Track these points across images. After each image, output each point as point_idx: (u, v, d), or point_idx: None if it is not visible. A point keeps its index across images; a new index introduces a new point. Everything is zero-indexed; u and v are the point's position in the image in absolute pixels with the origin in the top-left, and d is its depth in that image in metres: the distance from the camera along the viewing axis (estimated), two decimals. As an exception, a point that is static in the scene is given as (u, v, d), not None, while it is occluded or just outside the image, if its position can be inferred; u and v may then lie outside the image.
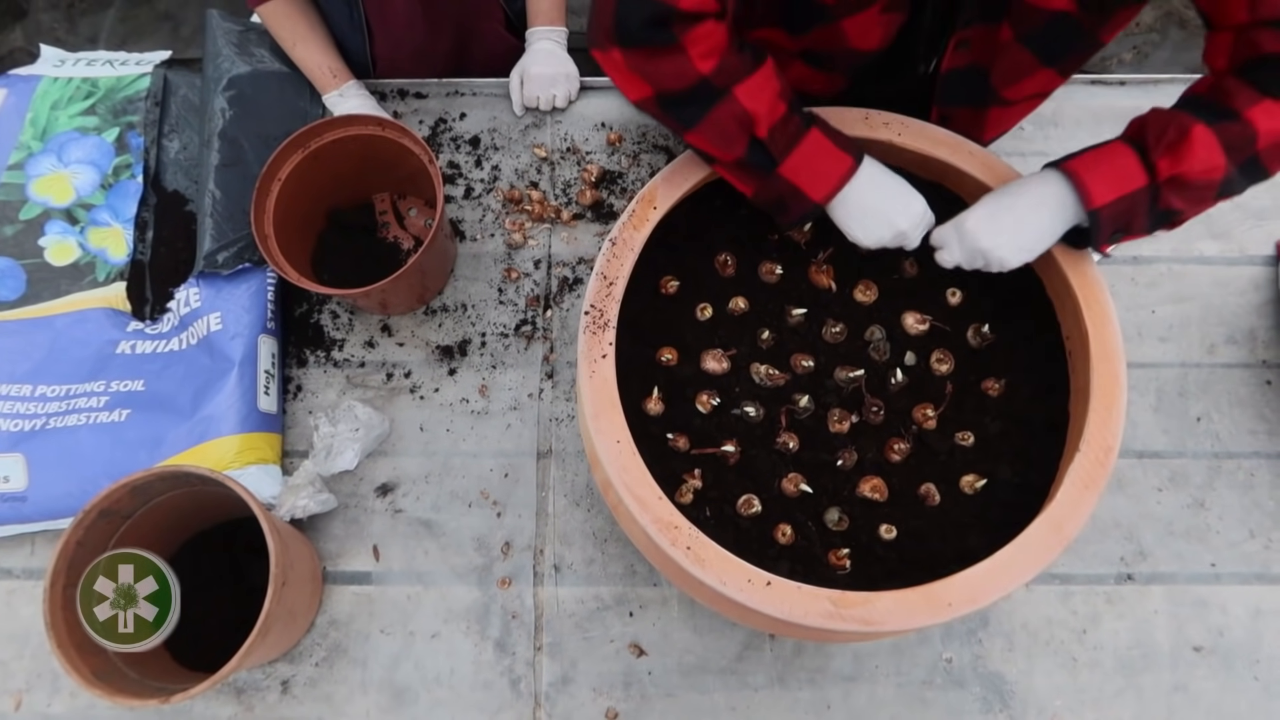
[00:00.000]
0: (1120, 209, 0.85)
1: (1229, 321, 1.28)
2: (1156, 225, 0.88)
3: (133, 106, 1.36)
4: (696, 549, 0.83)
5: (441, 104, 1.42)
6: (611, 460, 0.86)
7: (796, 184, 0.92)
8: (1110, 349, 0.90)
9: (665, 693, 1.11)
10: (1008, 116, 1.11)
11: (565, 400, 1.25)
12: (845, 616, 0.81)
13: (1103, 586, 1.16)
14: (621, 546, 1.17)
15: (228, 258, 1.22)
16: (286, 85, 1.36)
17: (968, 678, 1.12)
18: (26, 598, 1.15)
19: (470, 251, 1.33)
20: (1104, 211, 0.85)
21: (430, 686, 1.12)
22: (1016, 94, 1.03)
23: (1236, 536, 1.17)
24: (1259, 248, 1.32)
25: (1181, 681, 1.11)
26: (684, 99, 0.90)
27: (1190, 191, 0.85)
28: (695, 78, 0.87)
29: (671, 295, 1.03)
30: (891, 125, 1.00)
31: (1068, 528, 0.84)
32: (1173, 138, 0.83)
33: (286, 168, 1.19)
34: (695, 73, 0.87)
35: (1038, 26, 0.91)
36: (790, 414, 0.98)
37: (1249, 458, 1.21)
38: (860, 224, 0.94)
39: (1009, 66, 0.98)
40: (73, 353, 1.20)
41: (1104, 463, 0.86)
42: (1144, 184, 0.85)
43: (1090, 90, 1.41)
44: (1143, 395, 1.24)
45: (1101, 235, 0.86)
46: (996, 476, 0.94)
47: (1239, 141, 0.82)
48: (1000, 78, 1.01)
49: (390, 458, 1.22)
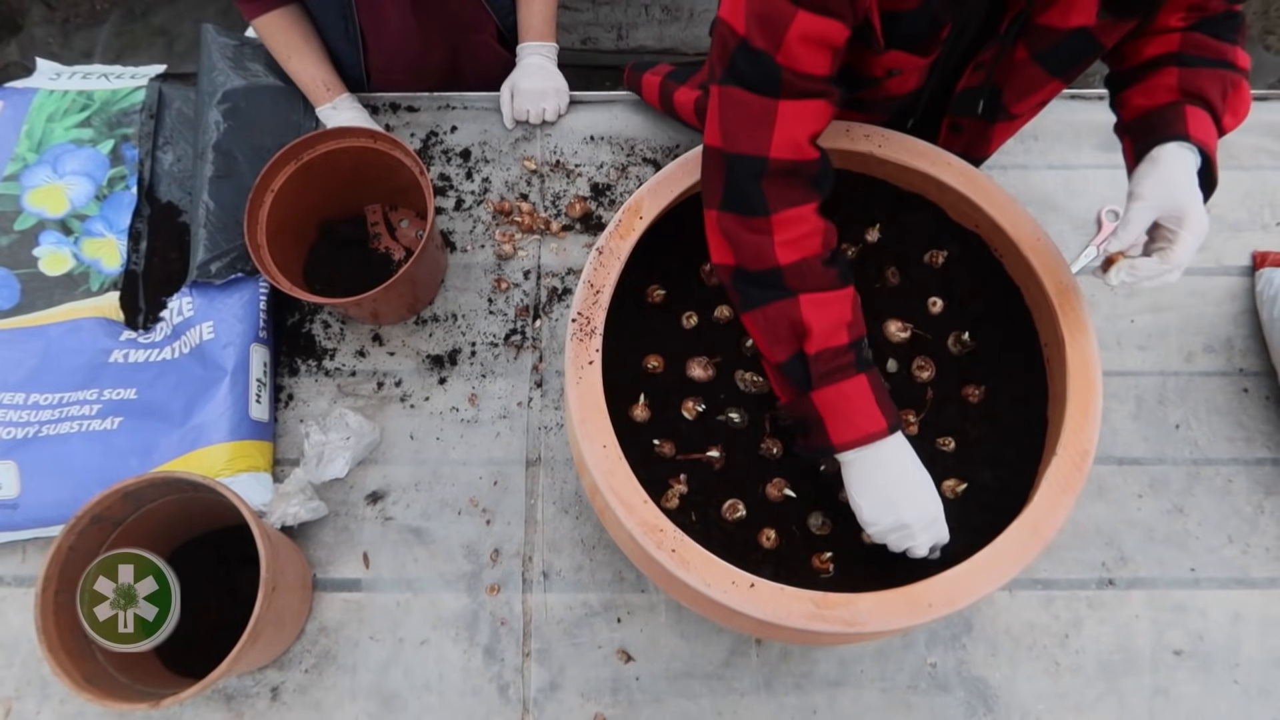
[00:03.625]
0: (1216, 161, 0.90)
1: (1206, 330, 1.30)
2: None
3: (128, 119, 1.38)
4: (681, 551, 0.85)
5: (433, 117, 1.45)
6: (598, 464, 0.88)
7: (823, 417, 0.87)
8: (1086, 355, 0.92)
9: (653, 698, 1.12)
10: (1010, 130, 1.13)
11: (554, 409, 1.26)
12: (827, 617, 0.82)
13: (1084, 592, 1.17)
14: (609, 553, 1.18)
15: (221, 267, 1.24)
16: (280, 99, 1.38)
17: (952, 682, 1.13)
18: (17, 605, 1.16)
19: (461, 262, 1.35)
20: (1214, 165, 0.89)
21: (419, 693, 1.13)
22: (1023, 108, 1.05)
23: (1215, 542, 1.19)
24: (1234, 259, 1.35)
25: (1162, 685, 1.13)
26: (754, 280, 0.89)
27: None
28: (771, 264, 0.87)
29: (657, 304, 1.04)
30: (872, 137, 1.02)
31: (1045, 530, 0.85)
32: (1232, 98, 0.90)
33: (280, 179, 1.21)
34: (773, 259, 0.87)
35: (1053, 44, 0.93)
36: (774, 420, 0.99)
37: (1227, 464, 1.23)
38: (867, 499, 0.88)
39: (1021, 83, 0.99)
40: (66, 361, 1.21)
41: (1080, 466, 0.88)
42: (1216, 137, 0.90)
43: (1070, 105, 1.44)
44: (1122, 403, 1.26)
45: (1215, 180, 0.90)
46: (977, 481, 0.96)
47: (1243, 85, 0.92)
48: (1011, 95, 1.02)
49: (381, 466, 1.23)
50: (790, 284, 0.87)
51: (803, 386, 0.88)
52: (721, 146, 0.88)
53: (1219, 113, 0.89)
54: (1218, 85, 0.89)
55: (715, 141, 0.89)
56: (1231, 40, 0.91)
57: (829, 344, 0.87)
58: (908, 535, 0.88)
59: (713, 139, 0.89)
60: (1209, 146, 0.87)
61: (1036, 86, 1.00)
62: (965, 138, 1.11)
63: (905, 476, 0.88)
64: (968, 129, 1.10)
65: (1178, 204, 0.84)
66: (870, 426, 0.87)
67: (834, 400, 0.87)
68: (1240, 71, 0.91)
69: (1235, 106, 0.91)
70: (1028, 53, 0.95)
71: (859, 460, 0.88)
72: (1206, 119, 0.88)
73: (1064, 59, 0.95)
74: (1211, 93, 0.89)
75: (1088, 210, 1.38)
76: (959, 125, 1.10)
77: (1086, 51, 0.94)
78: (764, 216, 0.87)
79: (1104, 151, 1.41)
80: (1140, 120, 0.91)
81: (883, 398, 0.88)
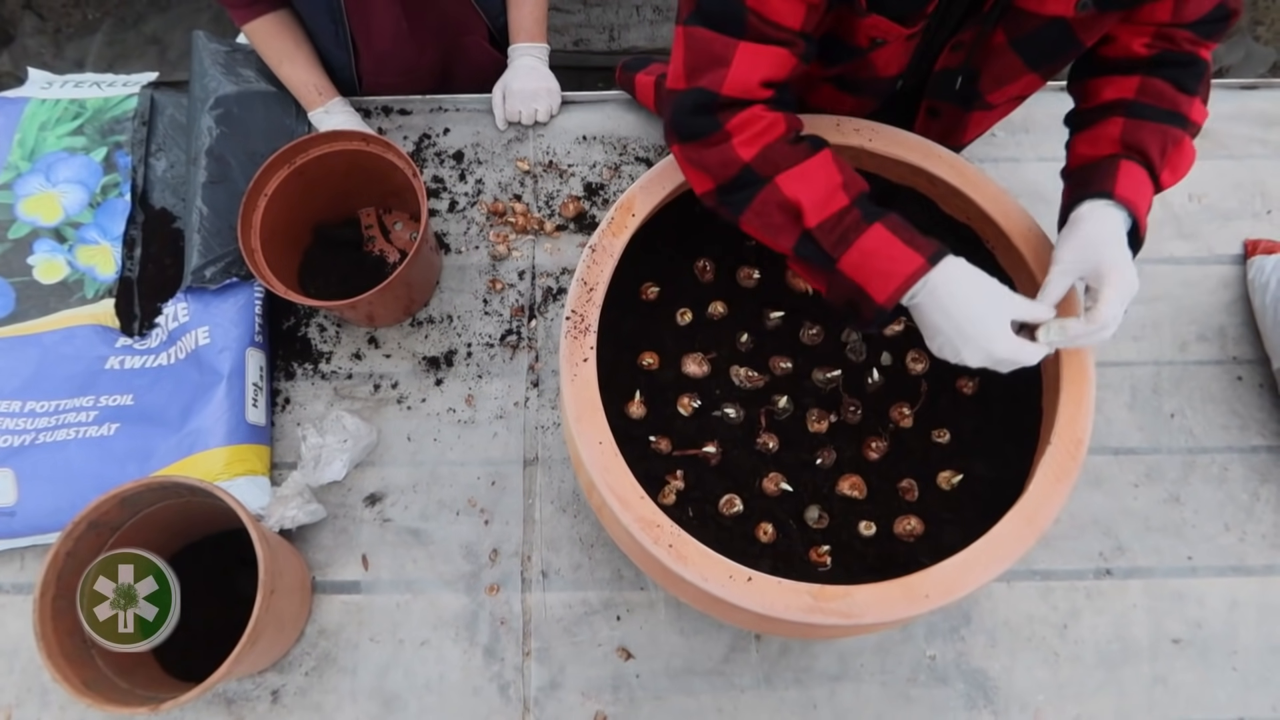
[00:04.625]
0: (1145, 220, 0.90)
1: (1199, 320, 1.31)
2: None
3: (120, 126, 1.38)
4: (678, 546, 0.85)
5: (425, 119, 1.45)
6: (594, 462, 0.88)
7: (859, 282, 0.85)
8: (1078, 344, 0.92)
9: (653, 695, 1.12)
10: (987, 120, 1.14)
11: (551, 408, 1.27)
12: (825, 609, 0.82)
13: (1082, 582, 1.17)
14: (608, 551, 1.19)
15: (215, 273, 1.24)
16: (272, 104, 1.38)
17: (951, 674, 1.13)
18: (15, 612, 1.16)
19: (455, 264, 1.35)
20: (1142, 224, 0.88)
21: (420, 694, 1.13)
22: (999, 98, 1.06)
23: (1212, 530, 1.20)
24: (1226, 247, 1.35)
25: (1161, 674, 1.13)
26: (732, 187, 0.88)
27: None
28: (739, 165, 0.86)
29: (652, 301, 1.05)
30: (862, 131, 1.02)
31: (1041, 519, 0.86)
32: (1172, 155, 0.90)
33: (273, 183, 1.21)
34: (738, 160, 0.86)
35: (1031, 31, 0.93)
36: (770, 415, 0.99)
37: (1222, 452, 1.23)
38: (937, 340, 0.85)
39: (998, 70, 1.00)
40: (62, 369, 1.22)
41: (1075, 455, 0.88)
42: (1151, 194, 0.90)
43: (1060, 97, 1.43)
44: (1117, 393, 1.27)
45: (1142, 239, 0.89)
46: (972, 472, 0.96)
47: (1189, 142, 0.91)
48: (988, 81, 1.03)
49: (378, 468, 1.23)
50: (763, 172, 0.86)
51: (825, 264, 0.86)
52: (677, 86, 0.88)
53: (1157, 169, 0.89)
54: (1158, 141, 0.89)
55: (676, 83, 0.88)
56: (1191, 90, 0.91)
57: (828, 211, 0.85)
58: (1000, 364, 0.84)
59: (675, 81, 0.89)
60: (1135, 206, 0.86)
61: (1013, 76, 1.01)
62: (942, 123, 1.12)
63: (975, 294, 0.83)
64: (945, 114, 1.10)
65: (1098, 265, 0.85)
66: (908, 267, 0.83)
67: (860, 260, 0.84)
68: (1190, 126, 0.91)
69: (1175, 163, 0.90)
70: (1006, 38, 0.95)
71: (920, 306, 0.85)
72: (1142, 175, 0.88)
73: (1041, 50, 0.96)
74: (1151, 148, 0.89)
75: (1079, 202, 1.38)
76: (936, 109, 1.10)
77: (1063, 46, 0.95)
78: (717, 130, 0.86)
79: (1095, 143, 1.42)
80: (1078, 171, 0.92)
81: (910, 236, 0.84)
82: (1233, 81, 1.46)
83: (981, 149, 1.40)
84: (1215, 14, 0.90)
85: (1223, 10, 0.90)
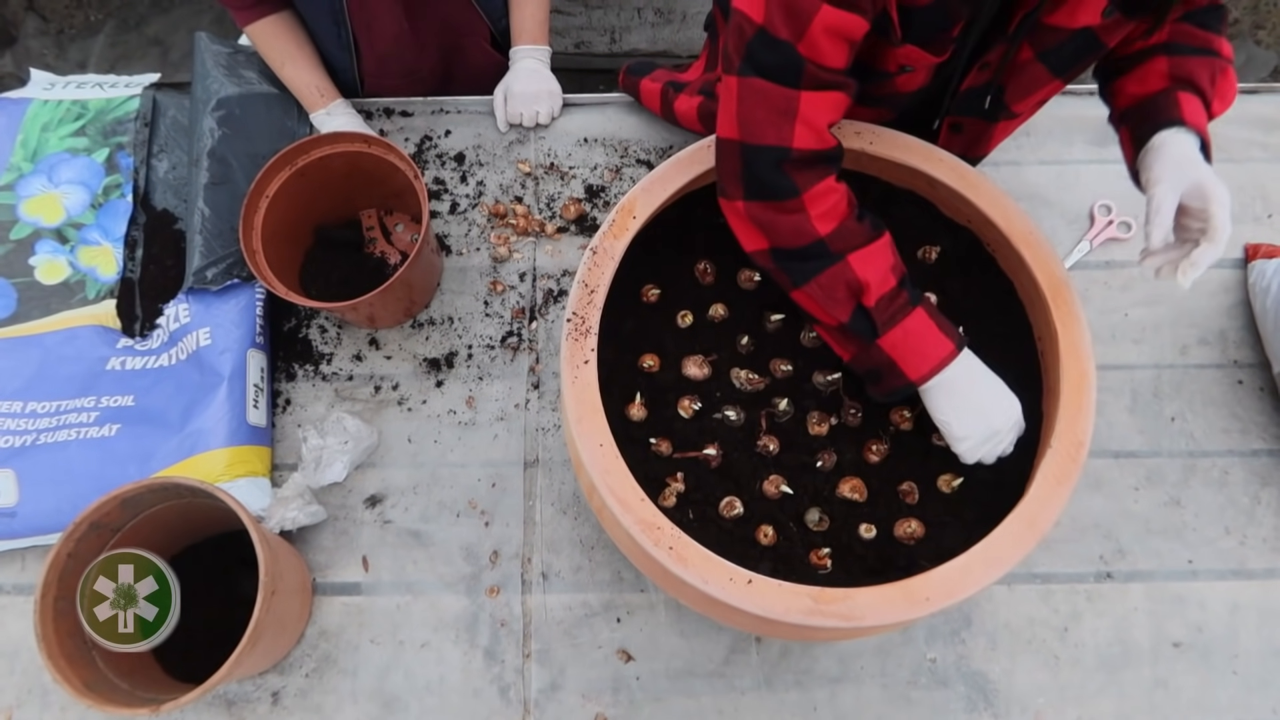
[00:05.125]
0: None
1: (1200, 323, 1.31)
2: None
3: (122, 128, 1.38)
4: (679, 549, 0.85)
5: (427, 121, 1.45)
6: (595, 463, 0.88)
7: (895, 359, 0.91)
8: (1078, 347, 0.92)
9: (653, 697, 1.12)
10: (1011, 128, 1.14)
11: (551, 410, 1.27)
12: (826, 612, 0.82)
13: (1083, 585, 1.17)
14: (608, 553, 1.19)
15: (217, 274, 1.24)
16: (274, 105, 1.38)
17: (952, 677, 1.13)
18: (16, 613, 1.16)
19: (456, 265, 1.35)
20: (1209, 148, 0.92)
21: (420, 695, 1.13)
22: (1024, 107, 1.06)
23: (1212, 533, 1.19)
24: (1227, 251, 1.34)
25: (1162, 677, 1.13)
26: (798, 256, 0.91)
27: None
28: (812, 238, 0.90)
29: (652, 303, 1.05)
30: (863, 135, 1.03)
31: (1041, 522, 0.86)
32: (1220, 83, 0.94)
33: (274, 185, 1.21)
34: (813, 232, 0.89)
35: (1058, 43, 0.94)
36: (770, 417, 1.00)
37: (1222, 456, 1.23)
38: (957, 416, 0.92)
39: (1024, 82, 1.00)
40: (63, 370, 1.22)
41: (1075, 458, 0.88)
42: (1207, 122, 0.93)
43: (1061, 100, 1.44)
44: (1118, 397, 1.27)
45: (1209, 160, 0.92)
46: (973, 475, 0.96)
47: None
48: (1014, 93, 1.03)
49: (379, 469, 1.24)
50: (836, 248, 0.90)
51: (868, 337, 0.92)
52: (740, 138, 0.89)
53: (1208, 98, 0.93)
54: (1206, 71, 0.93)
55: (732, 134, 0.89)
56: (1216, 30, 0.95)
57: (884, 290, 0.90)
58: (998, 440, 0.92)
59: (728, 131, 0.90)
60: (1203, 131, 0.90)
61: (1038, 85, 1.01)
62: (966, 137, 1.12)
63: (985, 387, 0.93)
64: (969, 129, 1.11)
65: (1198, 181, 0.87)
66: (941, 352, 0.90)
67: (901, 340, 0.90)
68: (1225, 59, 0.95)
69: (1224, 91, 0.95)
70: (1033, 52, 0.96)
71: (938, 386, 0.92)
72: (1198, 104, 0.92)
73: (1067, 59, 0.97)
74: (1201, 79, 0.92)
75: (1080, 205, 1.38)
76: (960, 125, 1.10)
77: (1089, 51, 0.95)
78: (795, 198, 0.89)
79: (1095, 146, 1.42)
80: (1135, 108, 0.94)
81: (942, 323, 0.92)
82: (1233, 85, 1.46)
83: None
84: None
85: None
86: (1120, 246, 1.35)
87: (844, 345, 0.96)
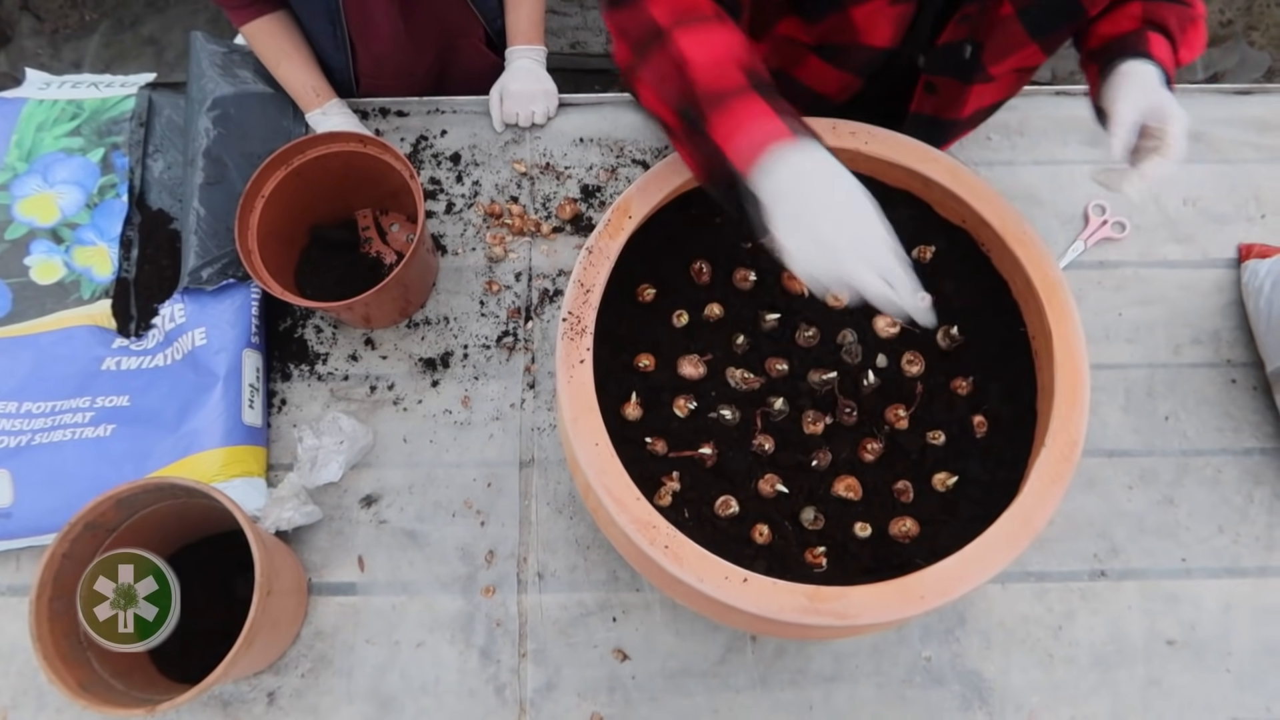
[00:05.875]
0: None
1: (1194, 323, 1.31)
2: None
3: (117, 127, 1.38)
4: (674, 548, 0.85)
5: (423, 121, 1.45)
6: (590, 463, 0.88)
7: (720, 145, 0.78)
8: (1072, 346, 0.93)
9: (649, 696, 1.12)
10: (987, 93, 1.14)
11: (547, 410, 1.27)
12: (820, 610, 0.83)
13: (1077, 583, 1.18)
14: (604, 553, 1.19)
15: (212, 274, 1.24)
16: (270, 105, 1.38)
17: (946, 676, 1.13)
18: (11, 614, 1.16)
19: (452, 265, 1.35)
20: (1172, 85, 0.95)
21: (416, 695, 1.13)
22: (1001, 69, 1.06)
23: (1206, 532, 1.20)
24: (1221, 251, 1.36)
25: (1155, 675, 1.14)
26: (639, 48, 0.86)
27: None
28: (650, 24, 0.84)
29: (648, 303, 1.05)
30: (858, 134, 1.03)
31: (1035, 520, 0.86)
32: (1190, 32, 0.99)
33: (270, 184, 1.21)
34: (650, 19, 0.84)
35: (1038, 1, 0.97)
36: (765, 416, 1.00)
37: (1216, 455, 1.24)
38: (786, 224, 0.75)
39: (1001, 40, 1.02)
40: (58, 370, 1.21)
41: (1070, 456, 0.89)
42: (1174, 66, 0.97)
43: (1055, 100, 1.45)
44: (1112, 396, 1.27)
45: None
46: (967, 474, 0.96)
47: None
48: (991, 53, 1.04)
49: (374, 469, 1.24)
50: (664, 25, 0.83)
51: (698, 127, 0.80)
52: None
53: (1177, 43, 0.97)
54: (1177, 18, 0.98)
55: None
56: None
57: (717, 73, 0.80)
58: (838, 263, 0.73)
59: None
60: (1169, 67, 0.94)
61: (1017, 46, 1.03)
62: (939, 98, 1.13)
63: (825, 190, 0.76)
64: (943, 89, 1.11)
65: (1159, 104, 0.90)
66: (770, 134, 0.76)
67: (728, 124, 0.78)
68: (1196, 14, 1.00)
69: (1192, 40, 1.00)
70: (1013, 8, 0.98)
71: (770, 185, 0.76)
72: (1166, 46, 0.96)
73: (1045, 20, 1.00)
74: (1171, 23, 0.97)
75: (1073, 205, 1.39)
76: (934, 85, 1.11)
77: (1068, 15, 0.99)
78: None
79: (1089, 147, 1.42)
80: (1105, 47, 0.98)
81: (784, 109, 0.78)
82: (1227, 87, 1.47)
83: (977, 153, 1.41)
84: None
85: None
86: (1114, 246, 1.35)
87: (689, 152, 0.85)
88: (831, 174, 0.77)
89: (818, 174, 0.76)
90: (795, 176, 0.75)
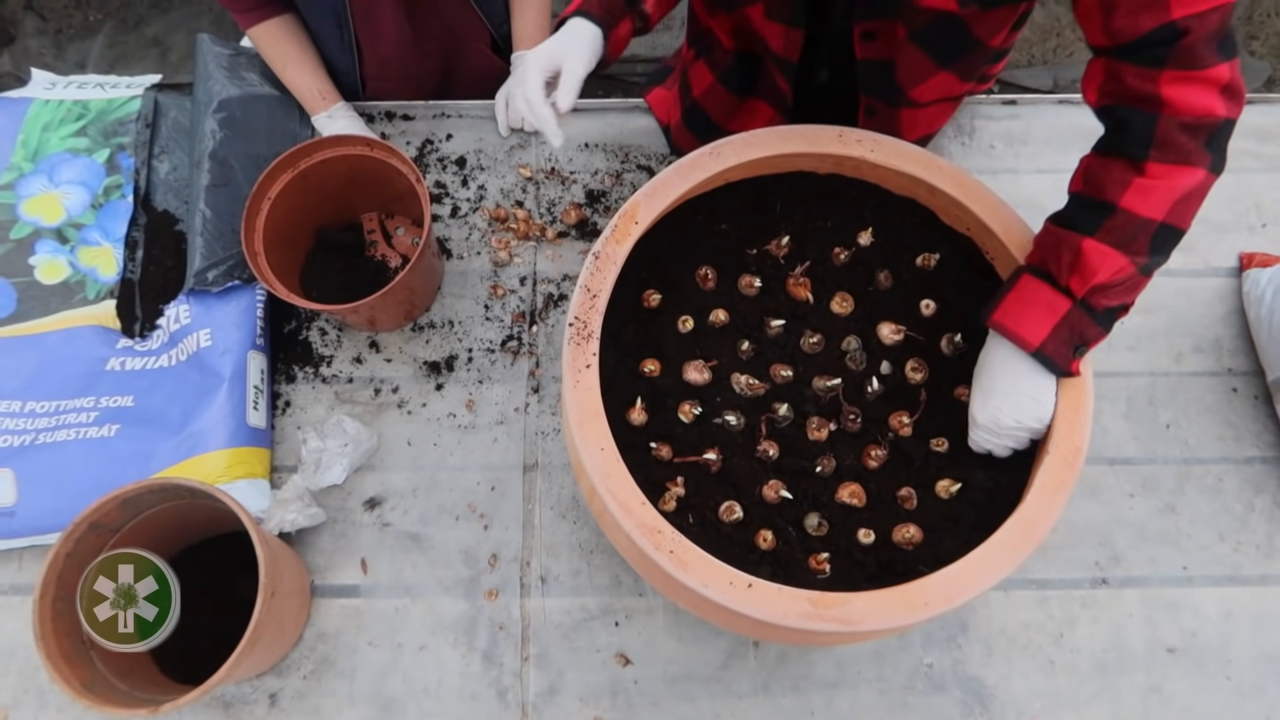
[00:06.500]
0: (1062, 335, 0.88)
1: (1195, 331, 1.32)
2: (1110, 322, 0.90)
3: (123, 128, 1.39)
4: (679, 553, 0.85)
5: (428, 125, 1.45)
6: (595, 467, 0.88)
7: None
8: (1076, 355, 0.93)
9: (651, 701, 1.12)
10: (920, 119, 1.15)
11: (551, 414, 1.27)
12: (824, 616, 0.83)
13: (1078, 591, 1.18)
14: (607, 557, 1.19)
15: (218, 275, 1.24)
16: (276, 107, 1.38)
17: (948, 682, 1.14)
18: (13, 614, 1.16)
19: (457, 269, 1.36)
20: (1047, 346, 0.88)
21: (418, 698, 1.13)
22: (922, 96, 1.07)
23: (1207, 540, 1.20)
24: (1222, 260, 1.36)
25: (1156, 683, 1.14)
26: None
27: (1116, 288, 0.88)
28: None
29: (654, 308, 1.05)
30: (864, 142, 1.03)
31: (1038, 528, 0.86)
32: (1069, 260, 0.87)
33: (276, 187, 1.21)
34: None
35: (923, 25, 0.94)
36: (770, 422, 1.00)
37: (1217, 463, 1.24)
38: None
39: (908, 65, 1.02)
40: (62, 369, 1.22)
41: (1073, 464, 0.89)
42: (1069, 305, 0.88)
43: (1057, 110, 1.46)
44: (1113, 404, 1.28)
45: (1060, 365, 0.89)
46: (971, 481, 0.97)
47: (1131, 232, 0.85)
48: (903, 76, 1.05)
49: (378, 472, 1.24)
50: None
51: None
52: None
53: (1058, 279, 0.89)
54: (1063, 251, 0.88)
55: None
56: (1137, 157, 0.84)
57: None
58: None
59: None
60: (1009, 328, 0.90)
61: (926, 72, 1.03)
62: (878, 123, 1.14)
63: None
64: (880, 114, 1.14)
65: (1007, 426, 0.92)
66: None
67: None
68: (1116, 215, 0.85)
69: (1083, 269, 0.86)
70: (906, 32, 0.98)
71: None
72: (1040, 292, 0.90)
73: (939, 44, 0.98)
74: (1049, 261, 0.90)
75: (1077, 214, 1.39)
76: (873, 108, 1.14)
77: (962, 43, 0.97)
78: None
79: (1092, 156, 1.43)
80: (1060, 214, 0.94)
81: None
82: (1228, 96, 1.47)
83: (981, 161, 1.41)
84: (1157, 35, 0.78)
85: (1170, 31, 0.78)
86: (1116, 255, 1.36)
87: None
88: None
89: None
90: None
